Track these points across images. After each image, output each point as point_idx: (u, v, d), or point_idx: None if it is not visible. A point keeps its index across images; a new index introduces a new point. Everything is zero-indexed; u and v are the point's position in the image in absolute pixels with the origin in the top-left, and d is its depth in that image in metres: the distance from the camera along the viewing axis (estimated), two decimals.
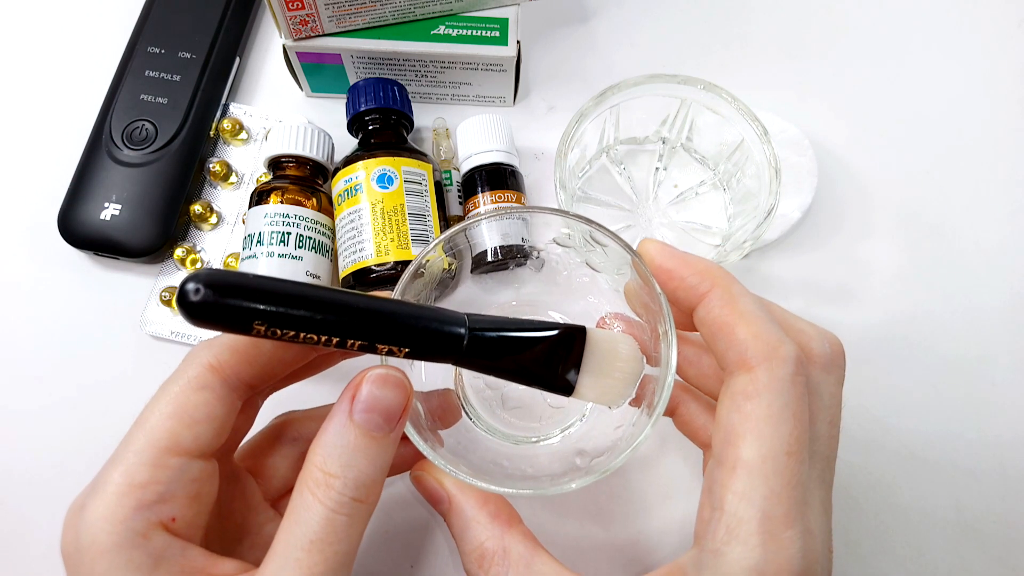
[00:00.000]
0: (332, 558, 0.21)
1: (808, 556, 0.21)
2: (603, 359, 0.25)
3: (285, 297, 0.20)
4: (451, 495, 0.27)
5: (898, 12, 0.47)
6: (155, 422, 0.22)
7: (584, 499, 0.35)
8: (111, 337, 0.38)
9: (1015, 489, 0.36)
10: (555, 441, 0.33)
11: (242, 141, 0.43)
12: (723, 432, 0.23)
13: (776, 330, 0.23)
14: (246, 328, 0.20)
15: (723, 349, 0.24)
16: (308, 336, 0.21)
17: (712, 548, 0.22)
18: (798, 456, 0.22)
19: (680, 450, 0.36)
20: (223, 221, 0.41)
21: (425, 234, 0.35)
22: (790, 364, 0.22)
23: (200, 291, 0.19)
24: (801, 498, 0.21)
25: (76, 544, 0.21)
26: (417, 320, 0.23)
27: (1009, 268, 0.41)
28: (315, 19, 0.38)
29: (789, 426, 0.22)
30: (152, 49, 0.42)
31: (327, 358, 0.28)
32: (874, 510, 0.35)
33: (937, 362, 0.39)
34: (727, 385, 0.23)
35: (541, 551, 0.25)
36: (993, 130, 0.44)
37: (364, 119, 0.38)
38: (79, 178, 0.39)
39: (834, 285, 0.40)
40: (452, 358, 0.24)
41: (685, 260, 0.25)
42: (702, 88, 0.37)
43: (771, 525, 0.21)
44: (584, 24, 0.47)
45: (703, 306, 0.24)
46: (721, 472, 0.22)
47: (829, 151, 0.43)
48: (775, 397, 0.22)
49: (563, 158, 0.36)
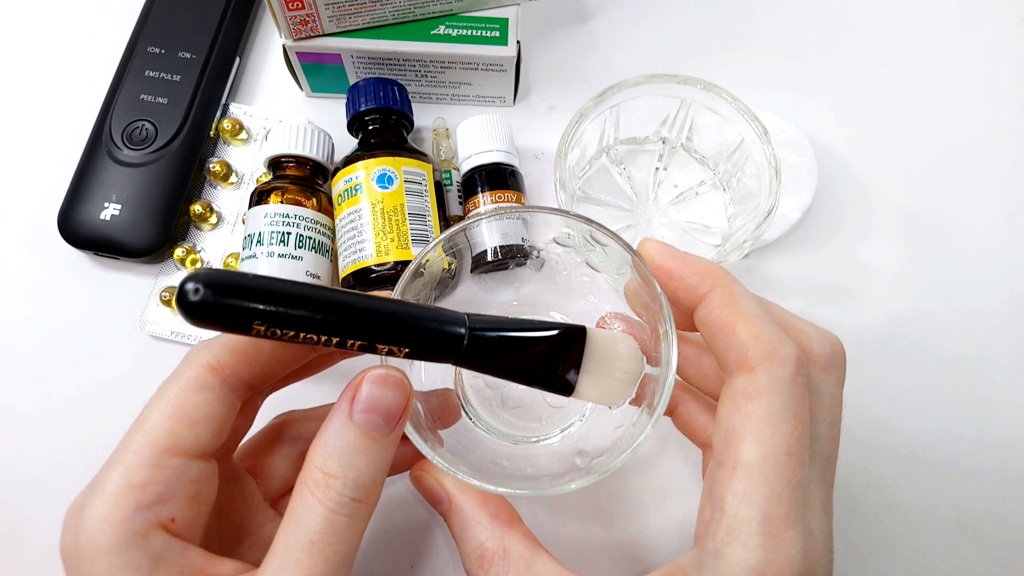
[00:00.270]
0: (332, 559, 0.21)
1: (809, 557, 0.21)
2: (603, 359, 0.25)
3: (285, 297, 0.20)
4: (451, 495, 0.27)
5: (898, 12, 0.47)
6: (154, 422, 0.22)
7: (584, 499, 0.35)
8: (111, 337, 0.38)
9: (1015, 489, 0.36)
10: (555, 441, 0.33)
11: (242, 141, 0.43)
12: (723, 433, 0.23)
13: (776, 331, 0.23)
14: (246, 328, 0.20)
15: (723, 349, 0.24)
16: (308, 336, 0.20)
17: (712, 549, 0.22)
18: (799, 457, 0.22)
19: (680, 450, 0.36)
20: (223, 221, 0.41)
21: (425, 234, 0.35)
22: (790, 365, 0.22)
23: (199, 291, 0.19)
24: (802, 499, 0.21)
25: (75, 545, 0.21)
26: (417, 320, 0.23)
27: (1009, 268, 0.41)
28: (315, 19, 0.38)
29: (790, 427, 0.22)
30: (152, 49, 0.42)
31: (326, 358, 0.28)
32: (874, 510, 0.35)
33: (937, 362, 0.39)
34: (727, 386, 0.23)
35: (541, 551, 0.25)
36: (993, 130, 0.44)
37: (364, 119, 0.38)
38: (79, 178, 0.39)
39: (834, 285, 0.40)
40: (452, 358, 0.24)
41: (685, 260, 0.25)
42: (702, 88, 0.37)
43: (772, 526, 0.21)
44: (584, 24, 0.47)
45: (703, 306, 0.24)
46: (721, 473, 0.22)
47: (829, 151, 0.43)
48: (775, 397, 0.22)
49: (563, 158, 0.36)
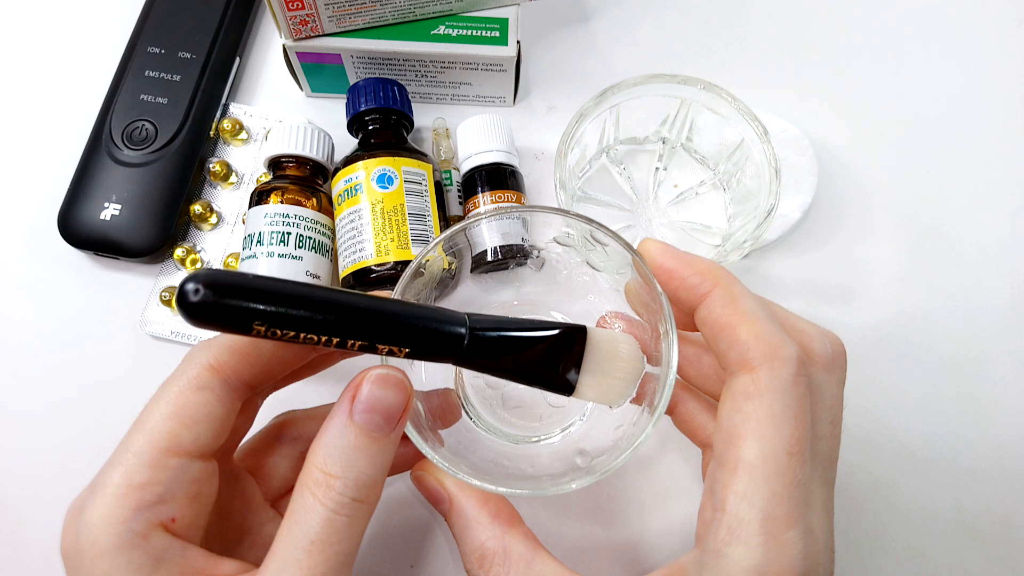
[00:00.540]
0: (333, 559, 0.21)
1: (810, 557, 0.21)
2: (604, 359, 0.25)
3: (285, 297, 0.20)
4: (452, 495, 0.26)
5: (898, 12, 0.47)
6: (154, 423, 0.22)
7: (584, 499, 0.35)
8: (111, 337, 0.38)
9: (1015, 489, 0.36)
10: (555, 440, 0.33)
11: (242, 141, 0.43)
12: (724, 432, 0.23)
13: (778, 330, 0.23)
14: (246, 329, 0.20)
15: (724, 349, 0.24)
16: (308, 336, 0.20)
17: (713, 549, 0.22)
18: (800, 457, 0.22)
19: (680, 450, 0.36)
20: (223, 221, 0.41)
21: (425, 234, 0.35)
22: (792, 364, 0.22)
23: (199, 291, 0.19)
24: (803, 498, 0.21)
25: (76, 545, 0.21)
26: (417, 320, 0.23)
27: (1009, 268, 0.41)
28: (315, 19, 0.38)
29: (791, 426, 0.22)
30: (152, 49, 0.42)
31: (326, 358, 0.28)
32: (874, 510, 0.35)
33: (937, 362, 0.39)
34: (728, 385, 0.23)
35: (542, 551, 0.25)
36: (993, 130, 0.44)
37: (364, 119, 0.38)
38: (79, 178, 0.39)
39: (834, 285, 0.40)
40: (453, 358, 0.24)
41: (686, 260, 0.25)
42: (702, 88, 0.37)
43: (772, 526, 0.21)
44: (584, 24, 0.47)
45: (704, 306, 0.24)
46: (722, 473, 0.22)
47: (829, 151, 0.43)
48: (776, 397, 0.22)
49: (563, 158, 0.36)
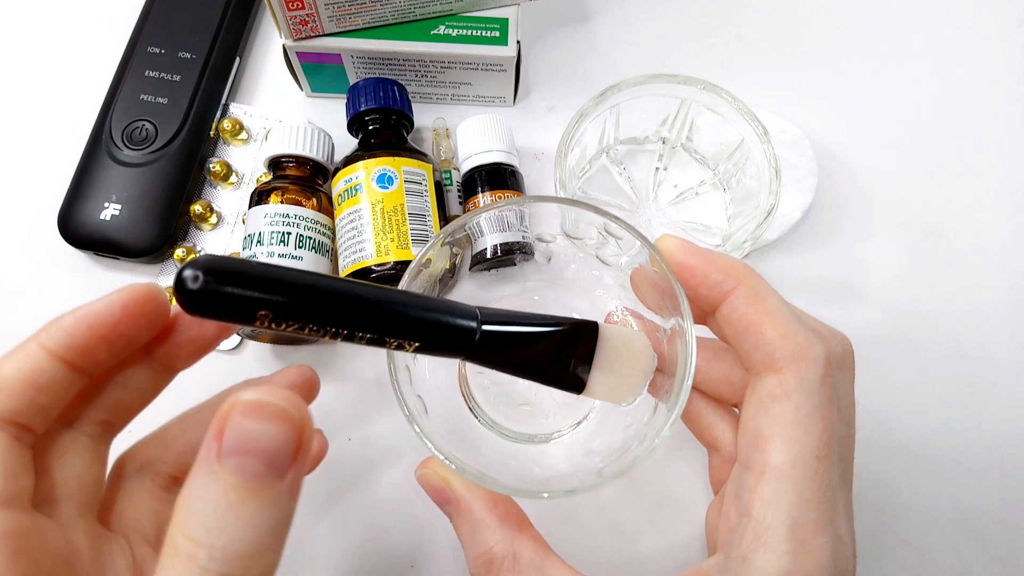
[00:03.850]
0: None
1: (840, 563, 0.20)
2: (616, 356, 0.25)
3: (291, 286, 0.19)
4: (459, 496, 0.25)
5: (898, 12, 0.47)
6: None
7: (591, 501, 0.35)
8: None
9: (1015, 489, 0.36)
10: (563, 439, 0.33)
11: (242, 141, 0.43)
12: (750, 435, 0.22)
13: (804, 330, 0.22)
14: (249, 318, 0.18)
15: (749, 349, 0.23)
16: (314, 328, 0.19)
17: (739, 555, 0.21)
18: (827, 460, 0.21)
19: (690, 455, 0.36)
20: (223, 221, 0.41)
21: (425, 234, 0.35)
22: (820, 365, 0.21)
23: (199, 279, 0.17)
24: (831, 503, 0.21)
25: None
26: (429, 313, 0.22)
27: (1009, 268, 0.41)
28: (315, 19, 0.38)
29: (819, 429, 0.21)
30: (152, 49, 0.42)
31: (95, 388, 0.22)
32: (874, 510, 0.35)
33: (937, 362, 0.38)
34: (753, 387, 0.23)
35: (552, 556, 0.24)
36: (993, 130, 0.44)
37: (364, 119, 0.38)
38: (79, 178, 0.39)
39: (834, 285, 0.40)
40: (463, 353, 0.23)
41: (708, 256, 0.24)
42: (702, 88, 0.37)
43: (801, 531, 0.20)
44: (584, 24, 0.47)
45: (728, 304, 0.23)
46: (748, 477, 0.21)
47: (829, 151, 0.43)
48: (805, 399, 0.21)
49: (563, 158, 0.36)
